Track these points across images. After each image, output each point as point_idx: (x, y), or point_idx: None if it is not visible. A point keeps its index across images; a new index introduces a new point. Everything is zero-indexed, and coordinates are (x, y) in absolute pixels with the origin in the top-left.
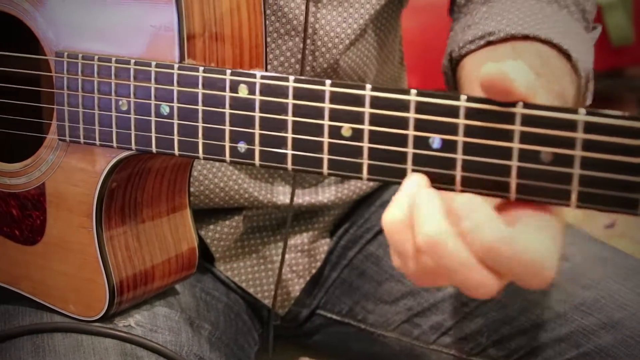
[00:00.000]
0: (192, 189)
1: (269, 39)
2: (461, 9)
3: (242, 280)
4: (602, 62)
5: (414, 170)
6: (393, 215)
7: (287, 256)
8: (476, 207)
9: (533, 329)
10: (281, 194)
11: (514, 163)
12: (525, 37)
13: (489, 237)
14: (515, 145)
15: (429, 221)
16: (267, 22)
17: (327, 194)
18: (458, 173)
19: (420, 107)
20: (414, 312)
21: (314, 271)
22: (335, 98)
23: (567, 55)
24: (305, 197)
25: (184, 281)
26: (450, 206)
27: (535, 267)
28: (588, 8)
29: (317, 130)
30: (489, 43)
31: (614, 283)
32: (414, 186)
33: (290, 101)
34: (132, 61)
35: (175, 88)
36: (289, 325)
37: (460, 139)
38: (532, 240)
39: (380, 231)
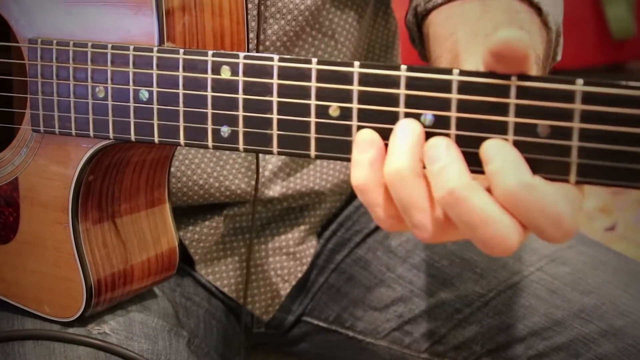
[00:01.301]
0: (169, 186)
1: (253, 23)
2: None
3: (224, 284)
4: (602, 56)
5: None
6: (400, 164)
7: (271, 259)
8: (501, 151)
9: (530, 337)
10: (263, 188)
11: (510, 137)
12: None
13: (511, 182)
14: (511, 119)
15: (450, 173)
16: (250, 5)
17: (317, 179)
18: None
19: (411, 83)
20: (405, 319)
21: (299, 275)
22: (322, 76)
23: (537, 10)
24: (290, 185)
25: (163, 286)
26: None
27: (557, 217)
28: None
29: (304, 110)
30: None
31: (615, 289)
32: (413, 133)
33: (275, 81)
34: (109, 45)
35: (155, 72)
36: (274, 332)
37: (453, 114)
38: (553, 192)
39: (370, 234)
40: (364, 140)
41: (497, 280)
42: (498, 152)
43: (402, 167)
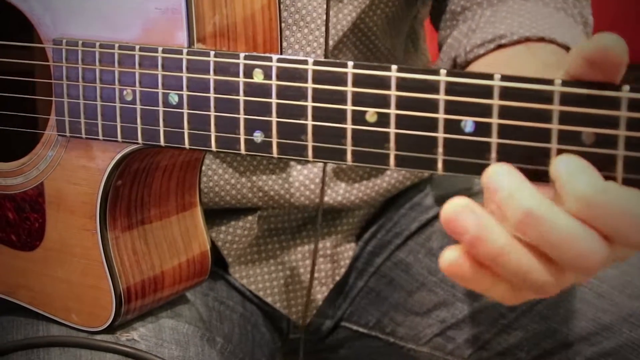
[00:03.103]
0: (200, 186)
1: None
2: (456, 16)
3: (259, 288)
4: None
5: (445, 159)
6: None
7: (307, 262)
8: (567, 161)
9: (577, 343)
10: (298, 192)
11: (554, 146)
12: (540, 40)
13: (584, 189)
14: (555, 126)
15: (523, 195)
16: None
17: (347, 194)
18: (493, 159)
19: (451, 88)
20: (447, 324)
21: (337, 278)
22: (358, 81)
23: None
24: (324, 198)
25: (195, 290)
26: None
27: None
28: (589, 22)
29: (340, 116)
30: (500, 46)
31: None
32: None
33: (309, 85)
34: (137, 47)
35: (185, 75)
36: (311, 338)
37: (494, 121)
38: (629, 192)
39: (411, 236)
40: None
41: None
42: (565, 164)
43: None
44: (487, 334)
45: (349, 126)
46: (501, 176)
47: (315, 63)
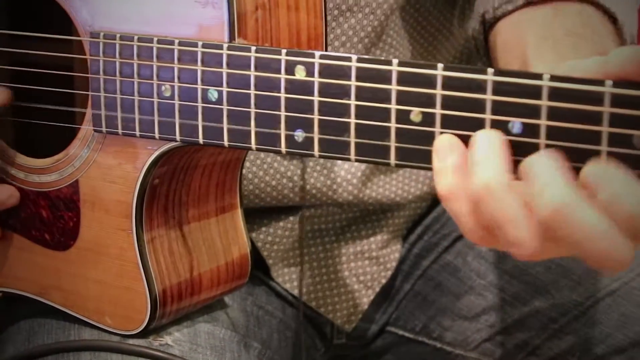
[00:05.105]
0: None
1: (328, 17)
2: None
3: (302, 292)
4: None
5: None
6: (488, 178)
7: (353, 264)
8: (611, 176)
9: (631, 348)
10: (341, 188)
11: (604, 148)
12: None
13: (628, 207)
14: (605, 129)
15: (554, 190)
16: None
17: (387, 185)
18: None
19: (499, 88)
20: (496, 329)
21: (383, 281)
22: (403, 79)
23: (611, 18)
24: (365, 191)
25: (234, 294)
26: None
27: None
28: None
29: (384, 115)
30: (529, 3)
31: None
32: (498, 143)
33: (353, 83)
34: (176, 41)
35: (225, 70)
36: (356, 344)
37: (543, 122)
38: None
39: (459, 238)
40: (444, 145)
41: (595, 288)
42: (608, 177)
43: (491, 180)
44: (537, 339)
45: (392, 125)
46: (539, 166)
47: (359, 60)
